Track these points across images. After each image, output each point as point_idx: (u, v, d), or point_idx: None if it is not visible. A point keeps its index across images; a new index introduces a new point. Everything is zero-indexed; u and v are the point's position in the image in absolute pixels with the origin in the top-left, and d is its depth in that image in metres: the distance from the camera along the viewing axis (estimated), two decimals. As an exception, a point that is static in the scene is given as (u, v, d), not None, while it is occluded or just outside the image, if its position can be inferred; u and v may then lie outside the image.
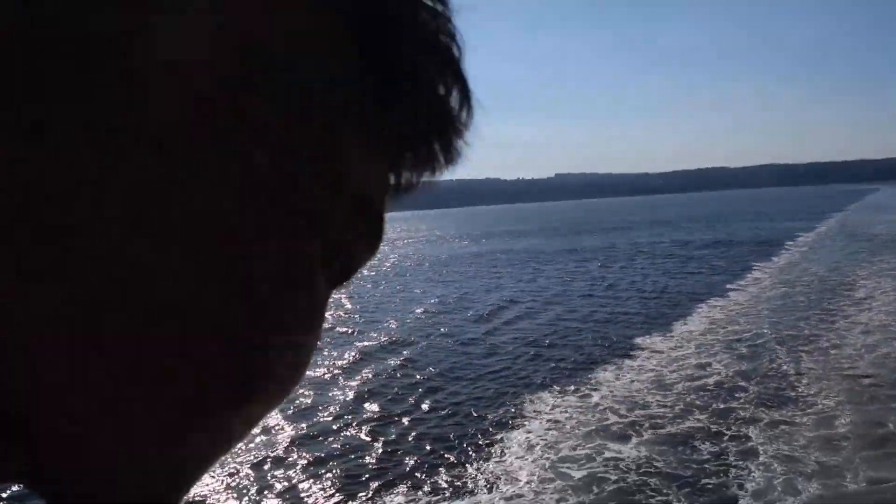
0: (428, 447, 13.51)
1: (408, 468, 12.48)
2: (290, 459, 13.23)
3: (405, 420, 15.39)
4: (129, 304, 0.29)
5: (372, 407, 16.56)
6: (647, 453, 12.14)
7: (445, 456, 12.94)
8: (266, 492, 11.79)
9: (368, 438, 14.41)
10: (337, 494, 11.51)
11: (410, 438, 14.11)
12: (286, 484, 12.12)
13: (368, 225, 0.56)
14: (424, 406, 16.32)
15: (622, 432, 13.30)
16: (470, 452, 12.98)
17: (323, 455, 13.47)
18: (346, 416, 15.87)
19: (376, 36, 0.40)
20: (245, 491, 11.84)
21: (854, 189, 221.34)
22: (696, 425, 13.54)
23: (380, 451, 13.53)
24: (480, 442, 13.43)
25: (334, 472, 12.55)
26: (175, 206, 0.30)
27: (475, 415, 15.27)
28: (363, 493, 11.42)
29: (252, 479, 12.37)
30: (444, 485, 11.52)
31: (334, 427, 15.25)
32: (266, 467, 12.94)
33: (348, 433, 14.71)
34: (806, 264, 37.96)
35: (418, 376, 19.20)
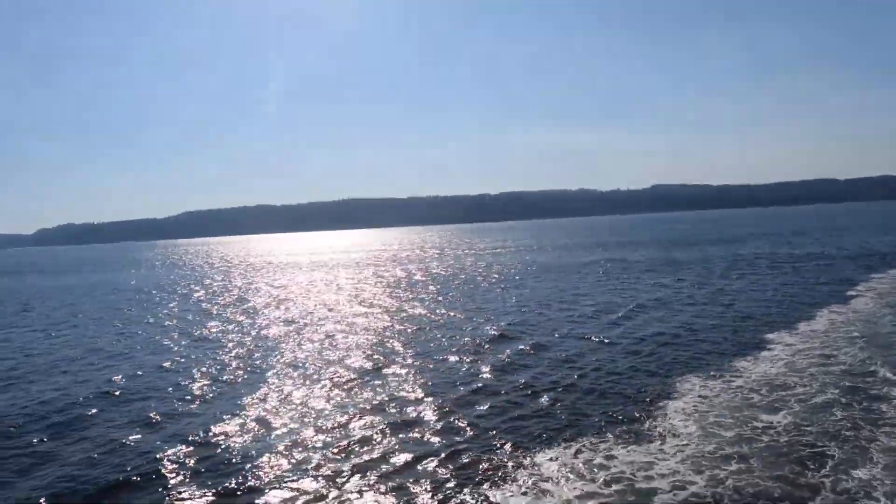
0: (589, 409, 15.85)
1: (571, 421, 14.82)
2: (464, 412, 15.81)
3: (558, 389, 17.77)
4: None
5: (520, 378, 19.09)
6: (794, 419, 14.20)
7: (611, 415, 15.31)
8: (452, 438, 14.29)
9: (526, 400, 16.89)
10: (511, 439, 13.90)
11: (568, 402, 16.48)
12: (471, 433, 14.62)
13: None
14: (567, 381, 18.63)
15: (769, 405, 15.40)
16: (633, 415, 15.28)
17: (491, 410, 16.01)
18: (498, 384, 18.37)
19: None
20: (434, 440, 14.41)
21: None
22: (830, 398, 15.61)
23: (542, 411, 15.96)
24: (638, 411, 15.63)
25: (504, 422, 15.02)
26: None
27: (628, 391, 17.45)
28: (536, 442, 13.72)
29: (437, 430, 14.98)
30: (615, 437, 13.81)
31: (493, 390, 17.77)
32: (449, 418, 15.53)
33: (507, 397, 17.16)
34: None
35: (560, 357, 21.67)
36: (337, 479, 12.43)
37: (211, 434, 15.49)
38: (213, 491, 12.14)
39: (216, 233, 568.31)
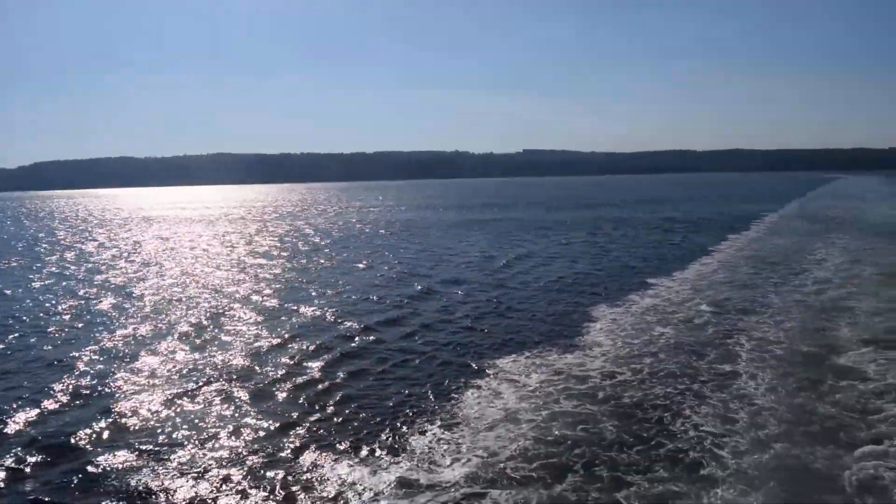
0: (518, 332, 19.55)
1: (506, 340, 18.42)
2: (397, 336, 19.13)
3: (482, 318, 21.34)
4: None
5: (443, 311, 22.38)
6: (680, 331, 18.83)
7: (539, 335, 19.15)
8: (406, 353, 17.55)
9: (470, 329, 20.34)
10: (464, 352, 17.27)
11: (493, 328, 20.04)
12: (420, 350, 17.91)
13: None
14: (487, 310, 22.27)
15: (660, 322, 20.07)
16: (559, 333, 19.26)
17: (427, 336, 19.34)
18: (423, 317, 21.74)
19: None
20: (393, 356, 17.61)
21: (818, 177, 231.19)
22: (704, 319, 20.45)
23: (478, 343, 19.38)
24: (562, 331, 19.59)
25: (444, 342, 18.42)
26: None
27: (548, 318, 21.44)
28: (484, 354, 17.15)
29: (386, 349, 18.21)
30: (549, 348, 17.57)
31: (419, 322, 21.12)
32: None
33: (440, 324, 20.52)
34: (771, 238, 44.57)
35: (474, 296, 25.17)
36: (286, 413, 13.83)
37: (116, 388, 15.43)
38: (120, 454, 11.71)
39: (71, 185, 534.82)
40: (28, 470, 11.22)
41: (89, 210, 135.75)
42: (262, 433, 12.43)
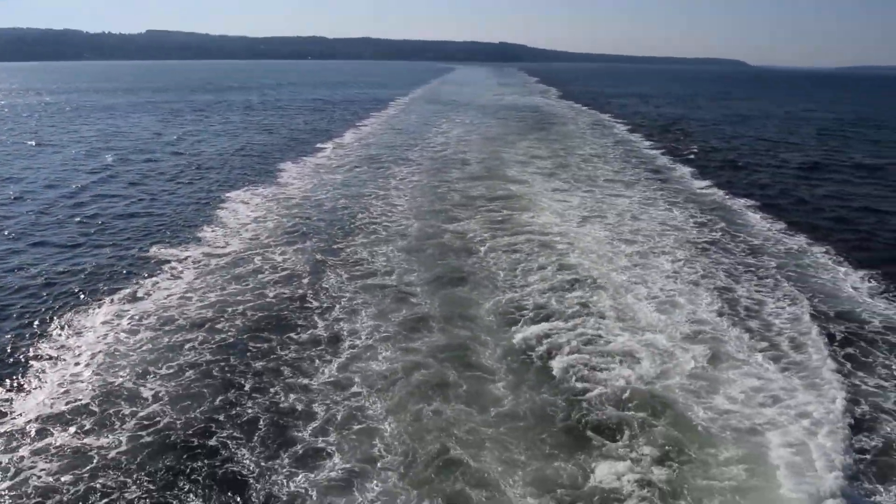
0: (227, 178, 24.46)
1: (228, 185, 23.33)
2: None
3: (196, 174, 25.83)
4: None
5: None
6: (343, 178, 25.23)
7: (244, 178, 24.39)
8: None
9: (182, 181, 24.66)
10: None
11: (208, 180, 24.75)
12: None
13: None
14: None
15: (330, 172, 26.77)
16: (254, 176, 24.63)
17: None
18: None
19: None
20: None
21: (438, 67, 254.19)
22: (361, 169, 27.79)
23: (201, 188, 23.99)
24: (256, 177, 24.86)
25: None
26: None
27: (243, 168, 26.61)
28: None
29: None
30: (258, 185, 22.88)
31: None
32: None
33: (158, 179, 24.68)
34: (405, 115, 53.47)
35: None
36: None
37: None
38: None
39: None
40: None
41: None
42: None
